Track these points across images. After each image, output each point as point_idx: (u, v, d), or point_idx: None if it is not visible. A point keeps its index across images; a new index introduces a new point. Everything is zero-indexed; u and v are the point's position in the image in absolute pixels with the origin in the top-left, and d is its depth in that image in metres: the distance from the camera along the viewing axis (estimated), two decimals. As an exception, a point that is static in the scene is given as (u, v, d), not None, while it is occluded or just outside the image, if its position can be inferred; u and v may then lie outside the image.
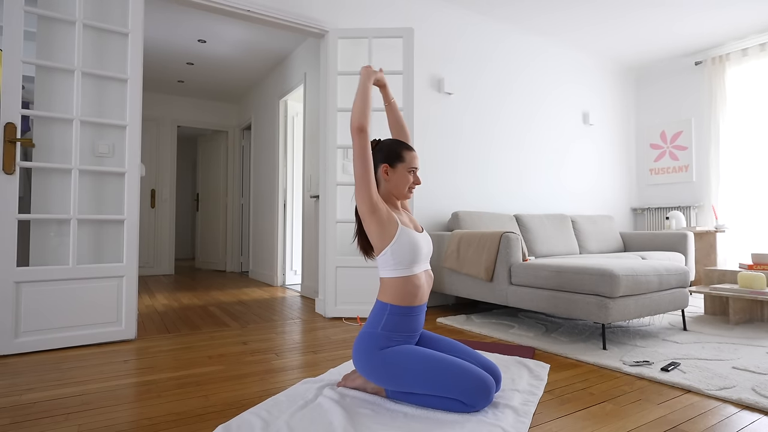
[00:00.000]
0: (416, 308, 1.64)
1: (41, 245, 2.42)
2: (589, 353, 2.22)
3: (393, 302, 1.61)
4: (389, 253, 1.61)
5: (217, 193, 6.65)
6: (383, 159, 1.72)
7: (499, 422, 1.41)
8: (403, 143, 1.75)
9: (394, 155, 1.72)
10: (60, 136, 2.47)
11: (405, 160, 1.71)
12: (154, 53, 4.84)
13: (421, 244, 1.65)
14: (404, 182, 1.72)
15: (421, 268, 1.67)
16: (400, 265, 1.61)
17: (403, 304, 1.61)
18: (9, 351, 2.25)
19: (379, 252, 1.63)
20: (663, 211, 5.16)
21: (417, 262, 1.64)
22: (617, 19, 4.18)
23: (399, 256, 1.60)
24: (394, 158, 1.71)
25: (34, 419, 1.48)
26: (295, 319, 3.13)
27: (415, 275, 1.63)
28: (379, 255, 1.64)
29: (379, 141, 1.78)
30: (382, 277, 1.65)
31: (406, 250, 1.60)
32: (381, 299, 1.64)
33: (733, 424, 1.44)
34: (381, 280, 1.66)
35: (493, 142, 4.20)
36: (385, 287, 1.64)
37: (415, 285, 1.62)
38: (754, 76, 4.49)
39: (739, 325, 2.89)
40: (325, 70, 3.27)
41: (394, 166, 1.71)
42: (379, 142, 1.77)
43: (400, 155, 1.72)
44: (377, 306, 1.64)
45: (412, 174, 1.73)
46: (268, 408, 1.52)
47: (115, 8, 2.62)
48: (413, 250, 1.61)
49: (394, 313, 1.61)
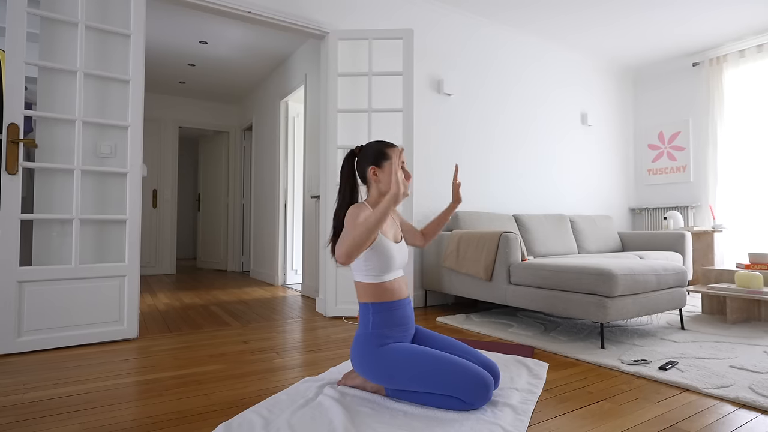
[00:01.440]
0: (397, 302, 1.67)
1: (44, 245, 2.44)
2: (587, 352, 2.24)
3: (372, 301, 1.64)
4: (362, 259, 1.63)
5: (218, 193, 6.67)
6: (370, 162, 1.71)
7: (498, 420, 1.42)
8: (384, 141, 1.74)
9: (379, 155, 1.70)
10: (62, 137, 2.49)
11: (390, 157, 1.71)
12: (155, 54, 4.85)
13: (394, 254, 1.66)
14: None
15: (393, 276, 1.68)
16: (372, 271, 1.64)
17: (383, 301, 1.64)
18: (12, 350, 2.27)
19: None
20: (661, 211, 5.18)
21: (389, 271, 1.66)
22: (616, 20, 4.20)
23: (371, 263, 1.63)
24: (380, 158, 1.70)
25: (36, 418, 1.50)
26: (295, 319, 3.15)
27: (386, 282, 1.66)
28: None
29: (362, 147, 1.77)
30: (355, 280, 1.69)
31: (378, 258, 1.62)
32: (361, 301, 1.67)
33: (730, 423, 1.45)
34: (354, 283, 1.69)
35: (492, 143, 4.22)
36: (359, 290, 1.68)
37: (386, 289, 1.65)
38: (752, 77, 4.51)
39: (737, 324, 2.90)
40: (325, 72, 3.29)
41: (381, 165, 1.70)
42: (362, 148, 1.75)
43: (385, 153, 1.71)
44: (360, 308, 1.67)
45: (401, 169, 1.72)
46: (269, 406, 1.54)
47: (117, 10, 2.64)
48: (386, 260, 1.63)
49: (377, 311, 1.64)
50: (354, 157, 1.76)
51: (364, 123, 3.49)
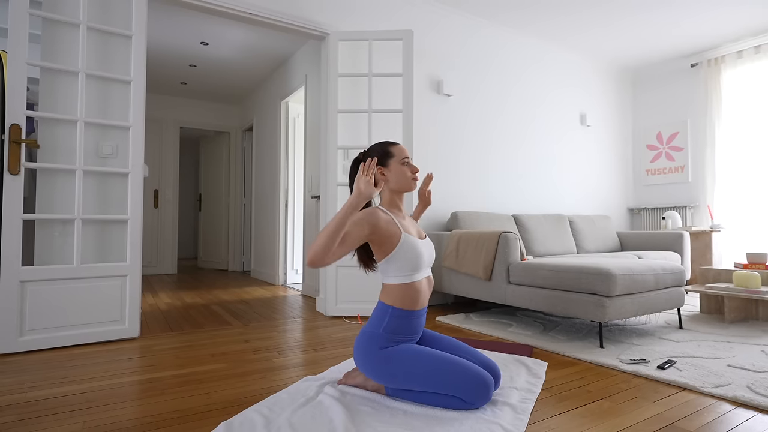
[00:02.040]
0: (417, 312, 1.67)
1: (46, 245, 2.45)
2: (586, 351, 2.25)
3: (395, 305, 1.63)
4: (391, 261, 1.62)
5: (219, 194, 6.68)
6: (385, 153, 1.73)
7: (497, 419, 1.43)
8: (385, 141, 1.76)
9: (382, 154, 1.73)
10: (64, 137, 2.50)
11: (394, 155, 1.72)
12: (157, 55, 4.87)
13: (422, 251, 1.66)
14: (403, 175, 1.72)
15: (423, 275, 1.69)
16: (401, 272, 1.63)
17: (405, 308, 1.63)
18: (14, 349, 2.28)
19: (380, 260, 1.65)
20: (659, 211, 5.19)
21: (419, 270, 1.66)
22: (615, 22, 4.21)
23: (401, 264, 1.62)
24: (383, 157, 1.72)
25: (39, 416, 1.50)
26: (296, 318, 3.16)
27: (416, 282, 1.65)
28: (380, 262, 1.66)
29: (365, 151, 1.78)
30: (385, 283, 1.67)
31: (408, 258, 1.62)
32: (383, 300, 1.66)
33: (728, 422, 1.46)
34: (383, 284, 1.68)
35: (491, 143, 4.23)
36: (387, 291, 1.66)
37: (416, 290, 1.64)
38: (749, 77, 4.52)
39: (734, 323, 2.91)
40: (325, 72, 3.30)
41: (387, 164, 1.72)
42: (366, 152, 1.77)
43: (388, 152, 1.73)
44: (379, 307, 1.66)
45: (407, 165, 1.73)
46: (270, 405, 1.54)
47: (118, 11, 2.65)
48: (415, 258, 1.63)
49: (395, 315, 1.62)
50: (359, 162, 1.77)
51: (365, 124, 3.50)
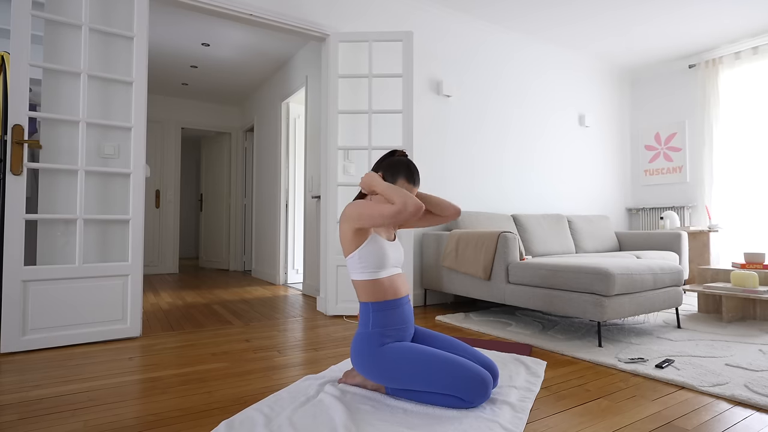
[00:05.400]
0: (397, 301, 1.70)
1: (48, 245, 2.47)
2: (585, 350, 2.26)
3: (371, 300, 1.67)
4: (356, 257, 1.67)
5: (220, 194, 6.69)
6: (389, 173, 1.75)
7: (496, 418, 1.44)
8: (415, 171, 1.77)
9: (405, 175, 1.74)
10: (66, 138, 2.51)
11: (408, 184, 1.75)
12: (158, 56, 4.88)
13: (387, 252, 1.70)
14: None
15: (388, 273, 1.72)
16: (366, 268, 1.68)
17: (382, 300, 1.67)
18: (17, 348, 2.29)
19: (347, 254, 1.70)
20: (657, 211, 5.20)
21: (383, 268, 1.70)
22: (613, 24, 4.22)
23: (366, 260, 1.67)
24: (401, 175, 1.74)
25: (41, 415, 1.51)
26: (297, 317, 3.17)
27: (382, 278, 1.69)
28: (347, 257, 1.70)
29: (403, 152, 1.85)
30: (353, 279, 1.72)
31: (373, 255, 1.66)
32: (361, 300, 1.70)
33: (726, 420, 1.47)
34: (352, 282, 1.72)
35: (490, 144, 4.24)
36: (358, 289, 1.71)
37: (383, 285, 1.68)
38: (747, 78, 4.53)
39: (732, 323, 2.93)
40: (326, 73, 3.31)
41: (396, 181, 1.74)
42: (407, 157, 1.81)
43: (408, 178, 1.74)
44: (361, 308, 1.70)
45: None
46: (271, 404, 1.56)
47: (120, 12, 2.66)
48: (380, 257, 1.67)
49: (377, 309, 1.66)
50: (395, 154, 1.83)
51: (365, 124, 3.52)
